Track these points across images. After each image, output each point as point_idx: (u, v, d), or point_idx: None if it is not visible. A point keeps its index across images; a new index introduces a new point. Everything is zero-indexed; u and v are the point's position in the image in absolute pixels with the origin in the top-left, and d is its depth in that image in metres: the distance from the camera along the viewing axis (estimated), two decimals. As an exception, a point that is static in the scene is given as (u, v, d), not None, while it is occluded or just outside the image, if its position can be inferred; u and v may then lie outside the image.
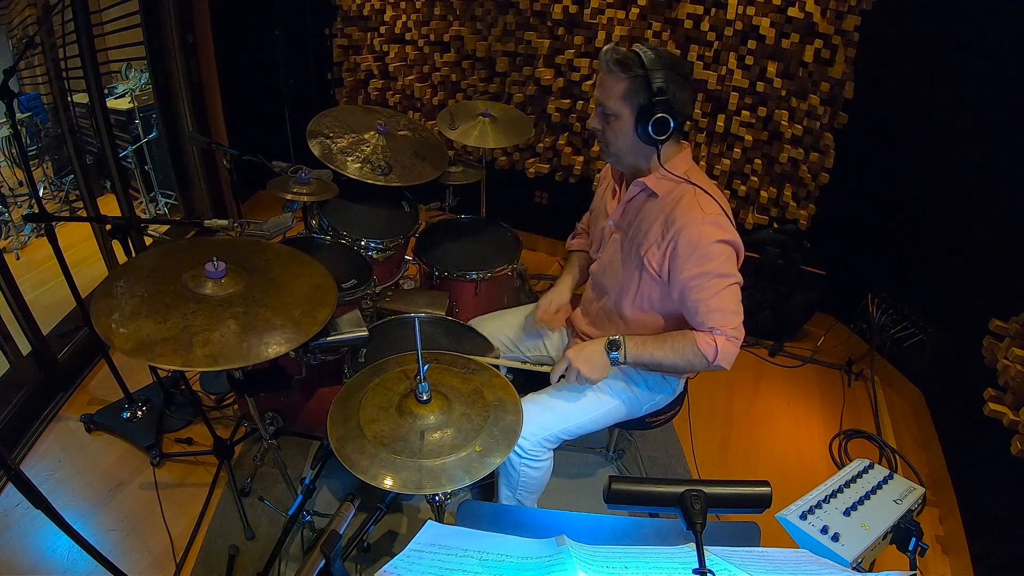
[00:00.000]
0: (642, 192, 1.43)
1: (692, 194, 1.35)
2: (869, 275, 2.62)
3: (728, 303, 1.36)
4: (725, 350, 1.36)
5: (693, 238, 1.32)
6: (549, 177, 3.07)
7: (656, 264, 1.39)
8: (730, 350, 1.37)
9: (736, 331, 1.37)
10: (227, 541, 1.72)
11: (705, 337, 1.37)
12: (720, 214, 1.34)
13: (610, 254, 1.53)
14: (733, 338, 1.37)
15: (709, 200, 1.34)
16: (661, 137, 1.30)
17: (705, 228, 1.31)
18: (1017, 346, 1.72)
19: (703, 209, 1.32)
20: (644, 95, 1.28)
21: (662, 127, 1.28)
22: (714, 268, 1.33)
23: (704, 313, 1.36)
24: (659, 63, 1.26)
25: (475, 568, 0.70)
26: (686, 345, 1.39)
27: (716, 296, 1.35)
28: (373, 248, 2.07)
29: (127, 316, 1.17)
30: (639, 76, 1.27)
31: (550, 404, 1.53)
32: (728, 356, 1.37)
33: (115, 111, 3.24)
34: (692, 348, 1.38)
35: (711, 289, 1.34)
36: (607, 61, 1.29)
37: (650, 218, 1.41)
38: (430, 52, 3.03)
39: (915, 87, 2.30)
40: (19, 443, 1.99)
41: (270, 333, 1.21)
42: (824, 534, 1.13)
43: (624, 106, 1.30)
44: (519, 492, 1.56)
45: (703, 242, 1.32)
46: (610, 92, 1.31)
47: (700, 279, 1.34)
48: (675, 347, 1.40)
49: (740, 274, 1.38)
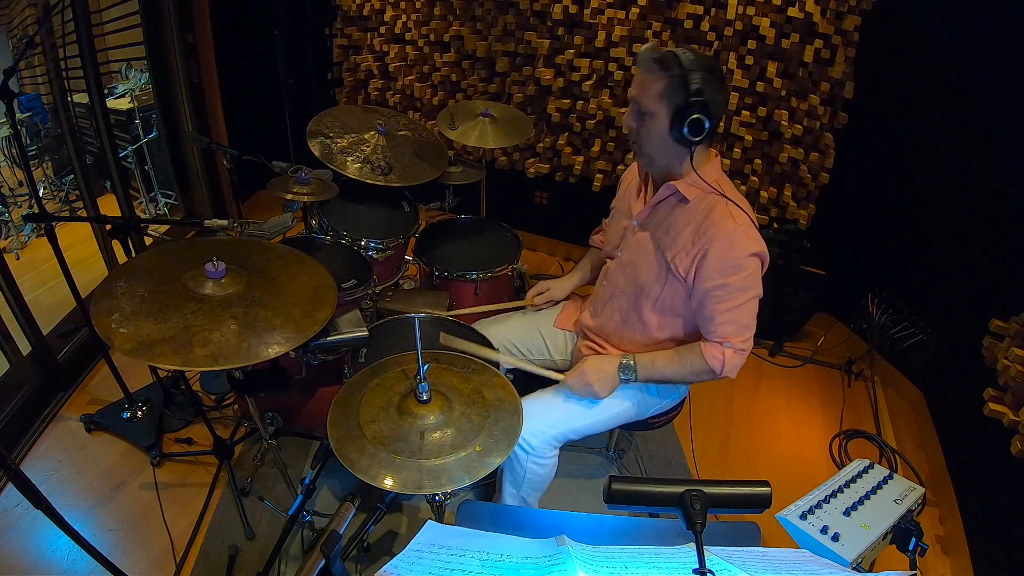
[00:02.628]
0: (672, 196, 1.42)
1: (724, 204, 1.35)
2: (869, 275, 2.62)
3: (744, 316, 1.38)
4: (732, 362, 1.40)
5: (724, 249, 1.32)
6: (549, 177, 3.07)
7: (684, 270, 1.39)
8: (736, 362, 1.40)
9: (745, 344, 1.39)
10: (227, 541, 1.72)
11: (713, 350, 1.40)
12: (751, 226, 1.34)
13: (632, 254, 1.52)
14: (741, 351, 1.40)
15: (740, 212, 1.34)
16: (696, 139, 1.29)
17: (737, 240, 1.32)
18: (1017, 346, 1.72)
19: (735, 220, 1.33)
20: (681, 95, 1.26)
21: (697, 128, 1.27)
22: (738, 281, 1.34)
23: (719, 324, 1.38)
24: (697, 64, 1.26)
25: (475, 568, 0.70)
26: (695, 360, 1.43)
27: (734, 309, 1.36)
28: (373, 248, 2.07)
29: (127, 316, 1.17)
30: (677, 76, 1.26)
31: (559, 403, 1.54)
32: (734, 368, 1.41)
33: (115, 111, 3.24)
34: (700, 362, 1.41)
35: (731, 301, 1.36)
36: (646, 59, 1.29)
37: (680, 223, 1.40)
38: (430, 52, 3.03)
39: (915, 87, 2.30)
40: (19, 443, 1.99)
41: (270, 333, 1.21)
42: (824, 534, 1.14)
43: (661, 105, 1.29)
44: (523, 489, 1.56)
45: (733, 254, 1.33)
46: (647, 90, 1.30)
47: (723, 290, 1.35)
48: (683, 363, 1.44)
49: (761, 285, 1.39)
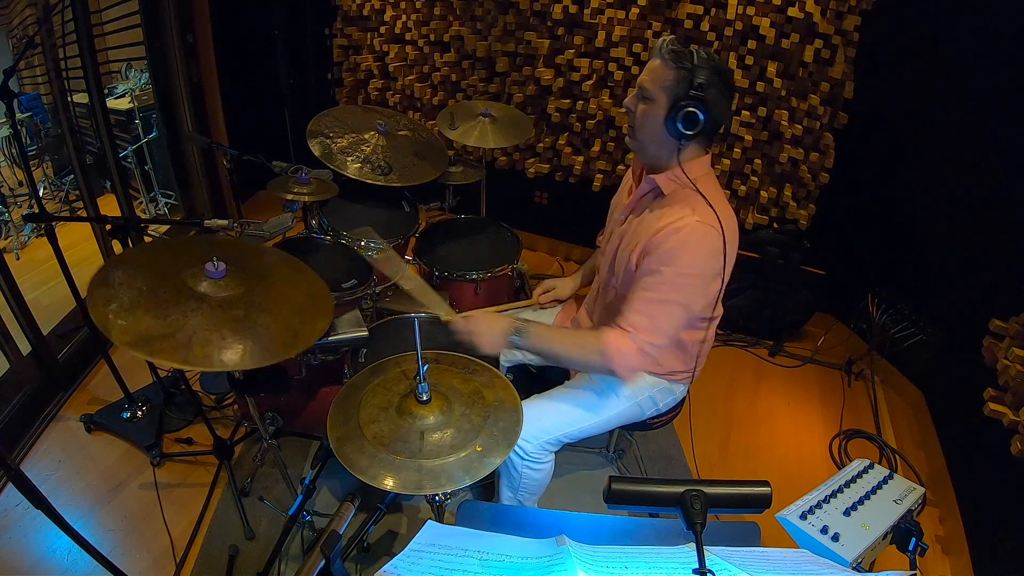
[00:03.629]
0: (652, 191, 1.42)
1: (694, 197, 1.33)
2: (869, 275, 2.62)
3: (662, 318, 1.31)
4: (628, 357, 1.31)
5: (669, 233, 1.29)
6: (549, 177, 3.07)
7: (636, 260, 1.37)
8: (633, 361, 1.31)
9: (652, 347, 1.31)
10: (227, 541, 1.72)
11: (614, 334, 1.32)
12: (712, 227, 1.29)
13: (613, 247, 1.52)
14: (643, 352, 1.31)
15: (707, 209, 1.30)
16: (688, 132, 1.29)
17: (687, 231, 1.28)
18: (1017, 346, 1.72)
19: (696, 212, 1.30)
20: (683, 88, 1.28)
21: (691, 121, 1.28)
22: (671, 276, 1.29)
23: (633, 310, 1.31)
24: (708, 64, 1.27)
25: (475, 568, 0.70)
26: (588, 339, 1.37)
27: (655, 303, 1.30)
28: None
29: (126, 308, 1.14)
30: (686, 70, 1.27)
31: (553, 407, 1.53)
32: (628, 366, 1.32)
33: (115, 111, 3.24)
34: (593, 341, 1.34)
35: (654, 292, 1.30)
36: (663, 49, 1.29)
37: (652, 216, 1.38)
38: (430, 52, 3.02)
39: (915, 87, 2.30)
40: (19, 443, 1.99)
41: (269, 338, 1.20)
42: (824, 534, 1.13)
43: (663, 93, 1.30)
44: (520, 493, 1.57)
45: (675, 240, 1.28)
46: (655, 76, 1.31)
47: (652, 277, 1.30)
48: (576, 340, 1.40)
49: (699, 301, 1.33)
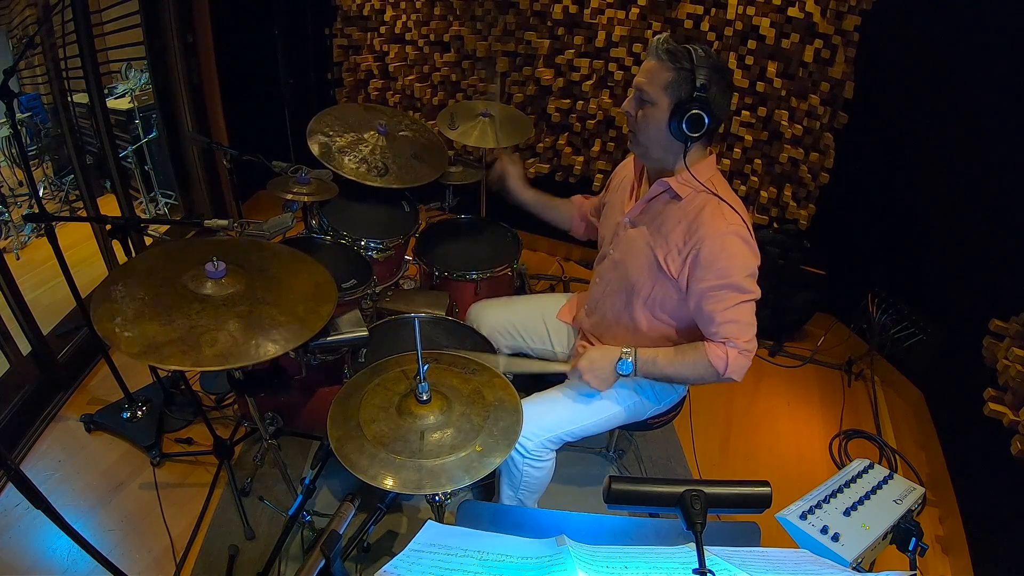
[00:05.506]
0: (664, 193, 1.42)
1: (716, 204, 1.34)
2: (869, 275, 2.62)
3: (744, 315, 1.36)
4: (736, 363, 1.37)
5: (715, 250, 1.32)
6: (549, 177, 3.07)
7: (675, 270, 1.39)
8: (741, 363, 1.37)
9: (749, 344, 1.37)
10: (227, 541, 1.72)
11: (717, 349, 1.37)
12: (743, 226, 1.33)
13: (623, 252, 1.51)
14: (745, 351, 1.37)
15: (732, 212, 1.33)
16: (693, 134, 1.29)
17: (727, 241, 1.31)
18: (1017, 346, 1.72)
19: (727, 220, 1.32)
20: (686, 89, 1.27)
21: (696, 124, 1.28)
22: (732, 283, 1.33)
23: (719, 324, 1.36)
24: (707, 62, 1.27)
25: (475, 568, 0.70)
26: (697, 358, 1.39)
27: (732, 308, 1.35)
28: (373, 248, 2.07)
29: (130, 319, 1.17)
30: (685, 70, 1.27)
31: (554, 405, 1.53)
32: (739, 369, 1.38)
33: (115, 111, 3.24)
34: (703, 361, 1.38)
35: (728, 301, 1.34)
36: (658, 49, 1.29)
37: (671, 221, 1.39)
38: (430, 52, 3.02)
39: (915, 87, 2.30)
40: (19, 443, 1.99)
41: (276, 330, 1.22)
42: (824, 534, 1.13)
43: (664, 95, 1.30)
44: (521, 492, 1.57)
45: (725, 254, 1.32)
46: (653, 78, 1.30)
47: (718, 291, 1.34)
48: (686, 361, 1.41)
49: (758, 288, 1.38)
